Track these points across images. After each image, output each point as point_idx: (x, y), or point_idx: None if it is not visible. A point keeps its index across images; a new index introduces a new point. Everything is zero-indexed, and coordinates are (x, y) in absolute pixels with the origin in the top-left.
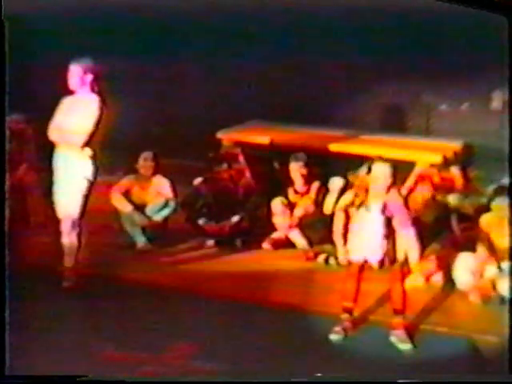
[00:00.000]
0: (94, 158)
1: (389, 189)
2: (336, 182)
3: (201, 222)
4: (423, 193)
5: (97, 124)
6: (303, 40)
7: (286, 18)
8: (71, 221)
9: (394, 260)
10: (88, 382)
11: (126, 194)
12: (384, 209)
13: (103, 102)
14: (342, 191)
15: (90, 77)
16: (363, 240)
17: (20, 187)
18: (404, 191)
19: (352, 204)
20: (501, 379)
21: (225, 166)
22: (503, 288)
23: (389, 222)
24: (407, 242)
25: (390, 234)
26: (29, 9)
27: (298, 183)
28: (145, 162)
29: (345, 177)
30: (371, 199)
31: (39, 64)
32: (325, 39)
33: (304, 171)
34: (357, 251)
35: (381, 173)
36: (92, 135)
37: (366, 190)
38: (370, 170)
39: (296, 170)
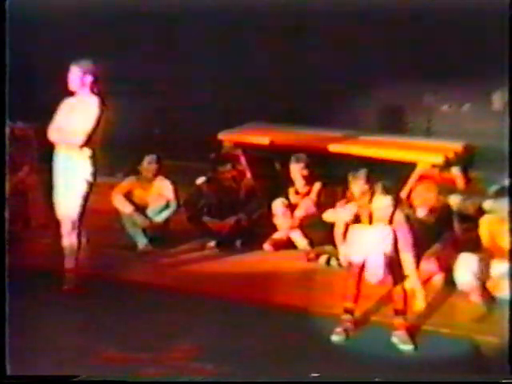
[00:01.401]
0: (93, 158)
1: (391, 216)
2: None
3: (203, 219)
4: (425, 193)
5: (96, 124)
6: (303, 41)
7: (287, 19)
8: (71, 222)
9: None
10: (88, 382)
11: (128, 196)
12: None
13: (103, 103)
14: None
15: (90, 78)
16: (364, 244)
17: (21, 189)
18: (405, 193)
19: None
20: (501, 379)
21: (228, 166)
22: (504, 289)
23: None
24: (406, 266)
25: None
26: (30, 11)
27: (299, 184)
28: (149, 164)
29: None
30: (374, 220)
31: (40, 66)
32: (325, 40)
33: (305, 172)
34: (357, 252)
35: (382, 205)
36: (91, 135)
37: (370, 215)
38: (371, 199)
39: (297, 170)
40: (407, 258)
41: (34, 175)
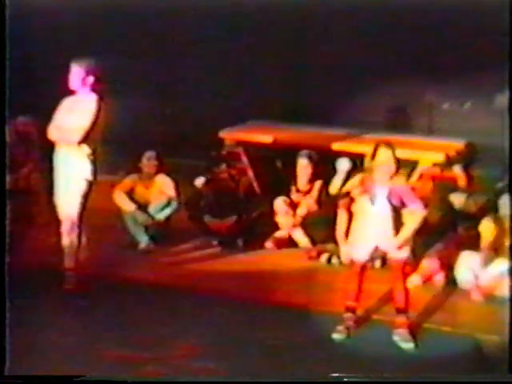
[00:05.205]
0: (92, 157)
1: (393, 175)
2: (343, 164)
3: (204, 219)
4: (431, 193)
5: (94, 121)
6: (305, 40)
7: (288, 18)
8: (70, 221)
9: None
10: (88, 381)
11: (130, 193)
12: (390, 195)
13: (101, 100)
14: (349, 174)
15: (91, 77)
16: (368, 237)
17: (24, 187)
18: None
19: (358, 187)
20: (501, 379)
21: (224, 166)
22: (505, 287)
23: (396, 213)
24: (414, 216)
25: (398, 225)
26: (30, 9)
27: (302, 181)
28: (148, 161)
29: (352, 160)
30: (377, 184)
31: (43, 65)
32: (327, 39)
33: (310, 170)
34: (360, 250)
35: (385, 158)
36: (89, 132)
37: (371, 178)
38: (374, 155)
39: (303, 167)
40: (416, 208)
41: (36, 173)
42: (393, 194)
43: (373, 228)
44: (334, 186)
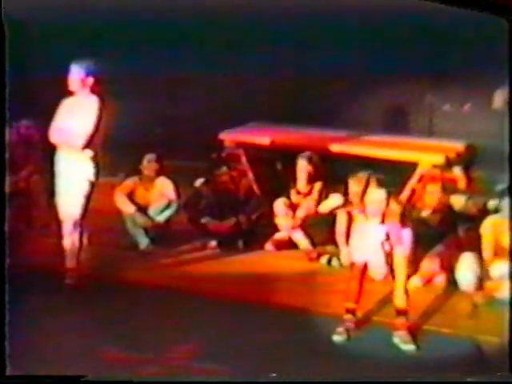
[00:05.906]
0: (94, 159)
1: (384, 211)
2: (336, 198)
3: (204, 220)
4: (432, 194)
5: (97, 125)
6: (305, 41)
7: (287, 19)
8: (72, 222)
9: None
10: (89, 382)
11: (130, 195)
12: (382, 222)
13: (103, 103)
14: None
15: (90, 78)
16: (364, 244)
17: (24, 189)
18: (406, 193)
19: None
20: (501, 379)
21: (224, 168)
22: (505, 290)
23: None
24: (397, 260)
25: (389, 243)
26: (29, 10)
27: (302, 183)
28: (149, 163)
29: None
30: (369, 214)
31: (43, 67)
32: (327, 40)
33: (311, 170)
34: (359, 253)
35: (376, 198)
36: (92, 136)
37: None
38: (364, 193)
39: (303, 168)
40: (399, 252)
41: (37, 175)
42: (384, 223)
43: (369, 238)
44: (324, 207)
